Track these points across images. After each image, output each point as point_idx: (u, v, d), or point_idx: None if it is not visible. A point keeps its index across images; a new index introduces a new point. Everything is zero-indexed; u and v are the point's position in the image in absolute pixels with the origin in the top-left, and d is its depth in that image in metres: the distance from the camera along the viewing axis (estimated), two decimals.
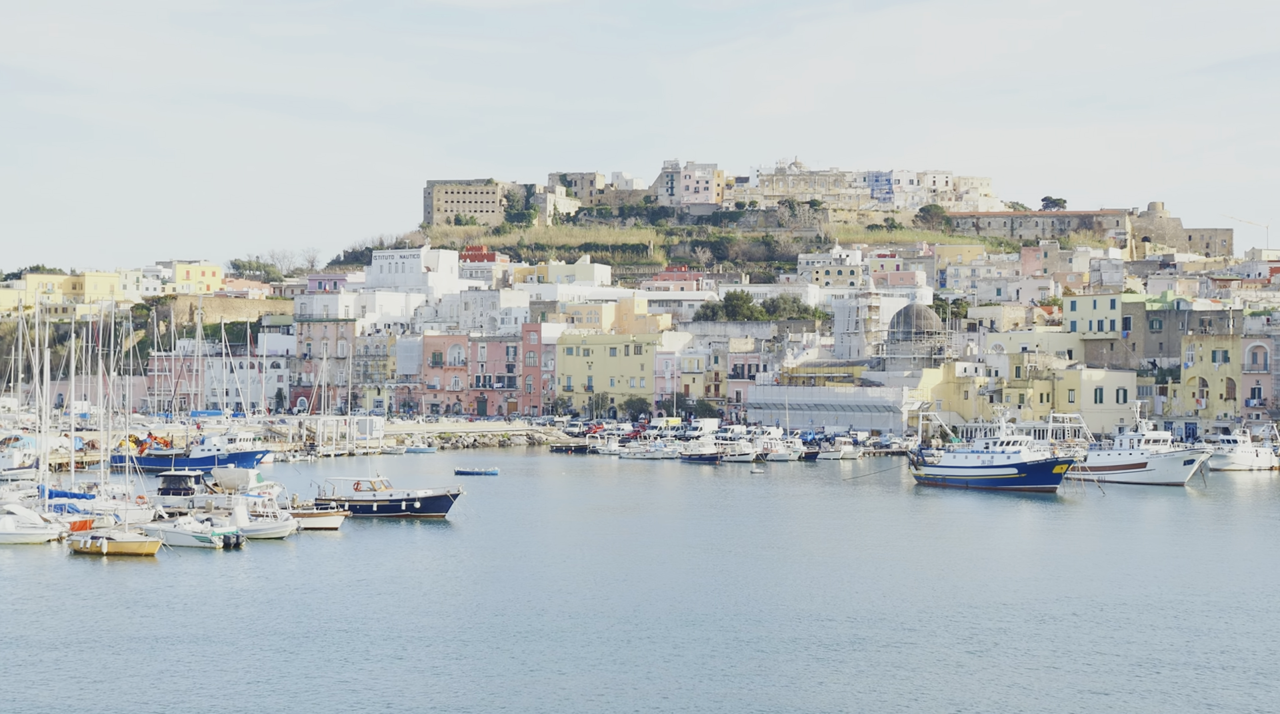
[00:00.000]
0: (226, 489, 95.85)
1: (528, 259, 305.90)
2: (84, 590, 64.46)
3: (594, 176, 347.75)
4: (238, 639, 53.52)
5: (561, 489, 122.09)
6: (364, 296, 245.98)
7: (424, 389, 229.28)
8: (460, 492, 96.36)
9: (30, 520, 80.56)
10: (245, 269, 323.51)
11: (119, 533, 76.43)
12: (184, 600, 61.89)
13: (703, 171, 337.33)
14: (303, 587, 65.96)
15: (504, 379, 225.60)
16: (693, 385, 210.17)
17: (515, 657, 50.46)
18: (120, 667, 48.68)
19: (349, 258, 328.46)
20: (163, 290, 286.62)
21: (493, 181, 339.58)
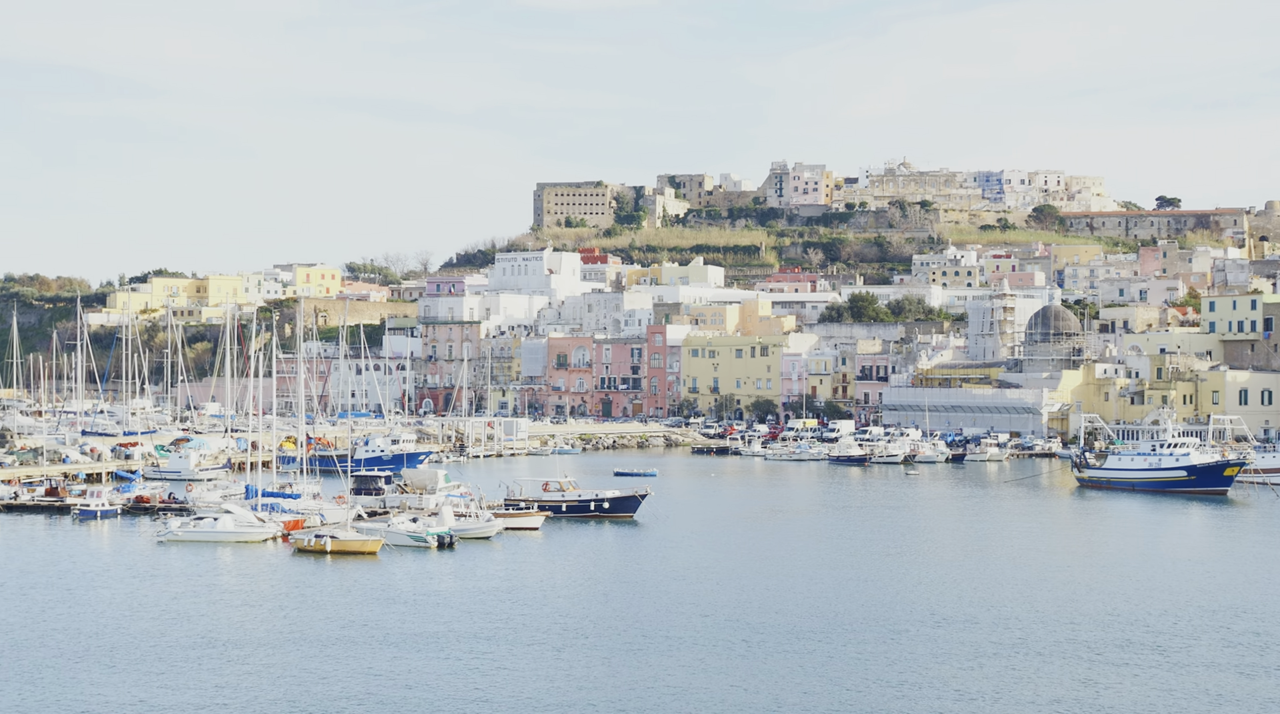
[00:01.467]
0: (416, 489, 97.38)
1: (639, 261, 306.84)
2: (332, 588, 65.78)
3: (702, 178, 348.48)
4: (516, 636, 54.56)
5: (727, 490, 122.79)
6: (488, 299, 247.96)
7: (549, 391, 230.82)
8: (648, 492, 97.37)
9: (247, 520, 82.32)
10: (360, 272, 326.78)
11: (341, 532, 77.98)
12: (438, 597, 63.05)
13: (811, 173, 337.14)
14: (540, 585, 67.03)
15: (629, 381, 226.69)
16: (820, 387, 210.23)
17: (796, 655, 51.18)
18: (423, 661, 49.80)
19: (462, 260, 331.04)
20: (283, 293, 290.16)
21: (602, 184, 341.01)
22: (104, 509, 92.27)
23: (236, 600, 62.66)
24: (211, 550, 78.29)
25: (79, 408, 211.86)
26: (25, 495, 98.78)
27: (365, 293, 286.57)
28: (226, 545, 79.80)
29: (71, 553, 78.11)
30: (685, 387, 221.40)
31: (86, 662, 49.57)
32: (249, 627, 56.31)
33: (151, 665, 49.10)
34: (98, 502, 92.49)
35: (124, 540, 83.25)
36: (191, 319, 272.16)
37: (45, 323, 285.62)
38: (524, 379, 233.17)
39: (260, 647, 52.37)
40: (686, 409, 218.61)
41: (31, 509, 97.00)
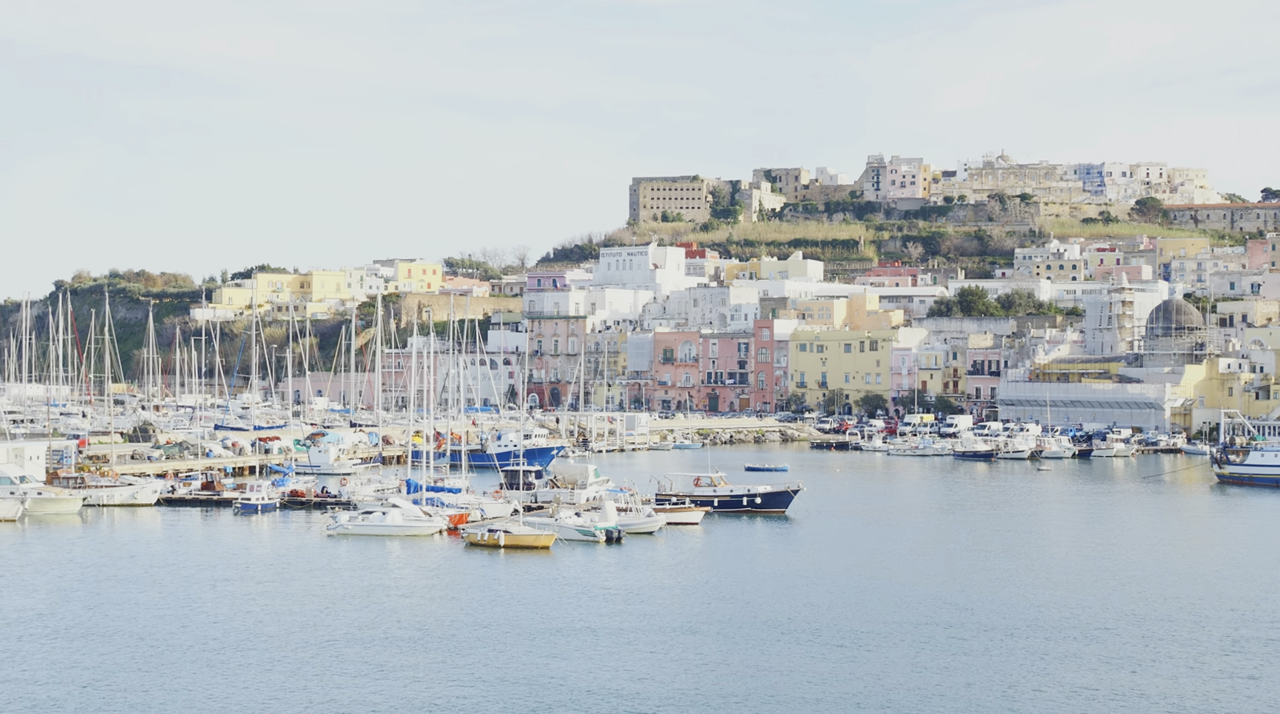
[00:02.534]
0: (567, 484, 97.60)
1: (737, 255, 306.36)
2: (521, 581, 65.93)
3: (798, 172, 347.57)
4: (721, 631, 54.53)
5: (862, 485, 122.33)
6: (593, 293, 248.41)
7: (655, 385, 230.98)
8: (800, 487, 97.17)
9: (414, 514, 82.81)
10: (458, 267, 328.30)
11: (514, 526, 78.27)
12: (627, 592, 63.09)
13: (909, 166, 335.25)
14: (722, 579, 66.97)
15: (735, 375, 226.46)
16: (930, 381, 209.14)
17: (1018, 655, 50.83)
18: (645, 655, 49.83)
19: (559, 255, 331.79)
20: (385, 288, 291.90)
21: (698, 178, 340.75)
22: (264, 503, 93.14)
23: (433, 594, 62.97)
24: (381, 544, 78.78)
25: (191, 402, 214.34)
26: (182, 489, 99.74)
27: (468, 288, 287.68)
28: (395, 539, 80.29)
29: (245, 547, 78.86)
30: (793, 381, 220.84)
31: (316, 655, 49.94)
32: (458, 620, 56.51)
33: (378, 658, 49.41)
34: (258, 496, 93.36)
35: (293, 534, 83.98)
36: (296, 314, 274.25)
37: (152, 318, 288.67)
38: (630, 374, 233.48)
39: (477, 641, 52.56)
40: (794, 404, 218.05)
41: (190, 503, 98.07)
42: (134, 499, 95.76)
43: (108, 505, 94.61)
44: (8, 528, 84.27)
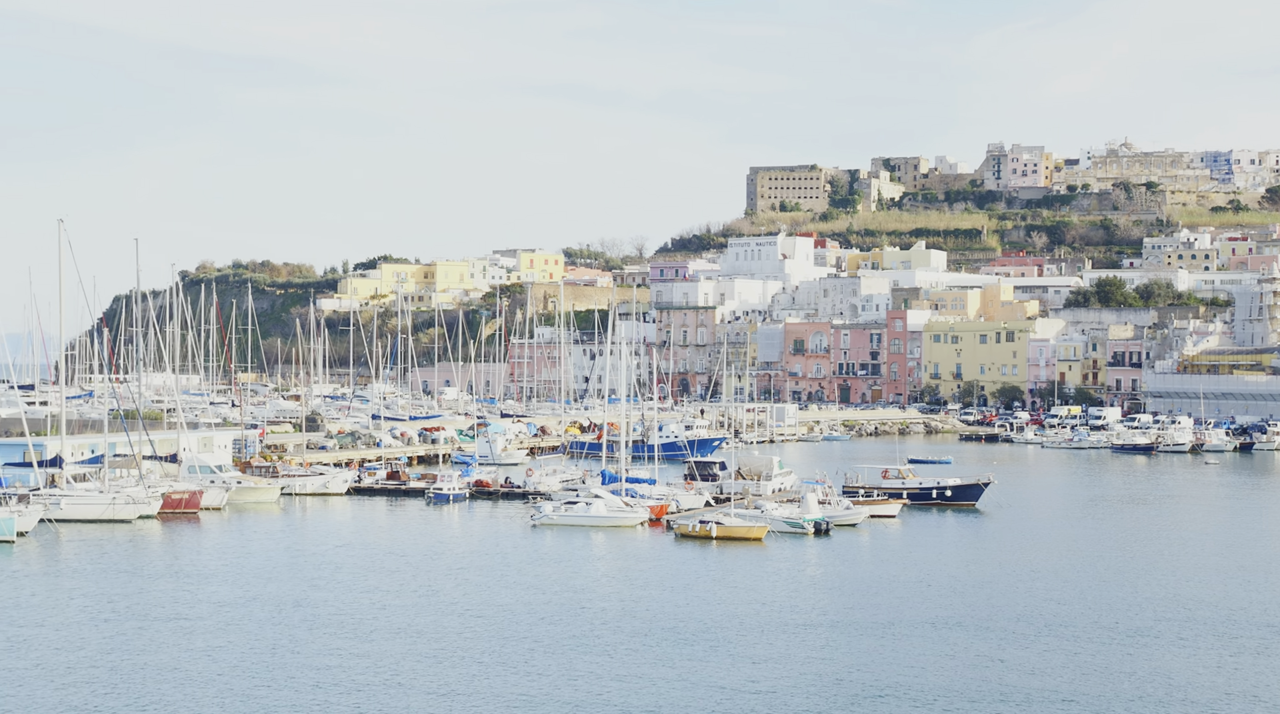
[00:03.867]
0: (751, 475, 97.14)
1: (858, 245, 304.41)
2: (752, 573, 65.37)
3: (917, 161, 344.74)
4: (985, 623, 53.66)
5: (1034, 477, 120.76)
6: (722, 284, 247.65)
7: (785, 376, 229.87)
8: (991, 480, 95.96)
9: (616, 505, 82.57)
10: (577, 257, 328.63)
11: (726, 518, 77.79)
12: (864, 584, 62.35)
13: (1030, 154, 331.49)
14: (949, 572, 66.06)
15: (867, 366, 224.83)
16: (1069, 373, 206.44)
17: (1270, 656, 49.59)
18: (920, 645, 49.09)
19: (677, 245, 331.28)
20: (508, 279, 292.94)
21: (816, 167, 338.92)
22: (455, 493, 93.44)
23: (668, 586, 62.52)
24: (585, 535, 78.58)
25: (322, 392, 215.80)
26: (367, 479, 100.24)
27: (592, 278, 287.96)
28: (600, 530, 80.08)
29: (454, 536, 78.98)
30: (926, 373, 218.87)
31: (587, 646, 49.62)
32: (710, 613, 56.00)
33: (660, 651, 48.97)
34: (449, 486, 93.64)
35: (495, 524, 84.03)
36: (422, 305, 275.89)
37: (278, 309, 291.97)
38: (760, 364, 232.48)
39: (737, 632, 52.02)
40: (928, 395, 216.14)
41: (378, 492, 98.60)
42: (325, 488, 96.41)
43: (300, 494, 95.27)
44: (215, 516, 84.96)
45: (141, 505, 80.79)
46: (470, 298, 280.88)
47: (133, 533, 77.40)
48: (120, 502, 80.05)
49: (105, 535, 75.62)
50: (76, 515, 77.74)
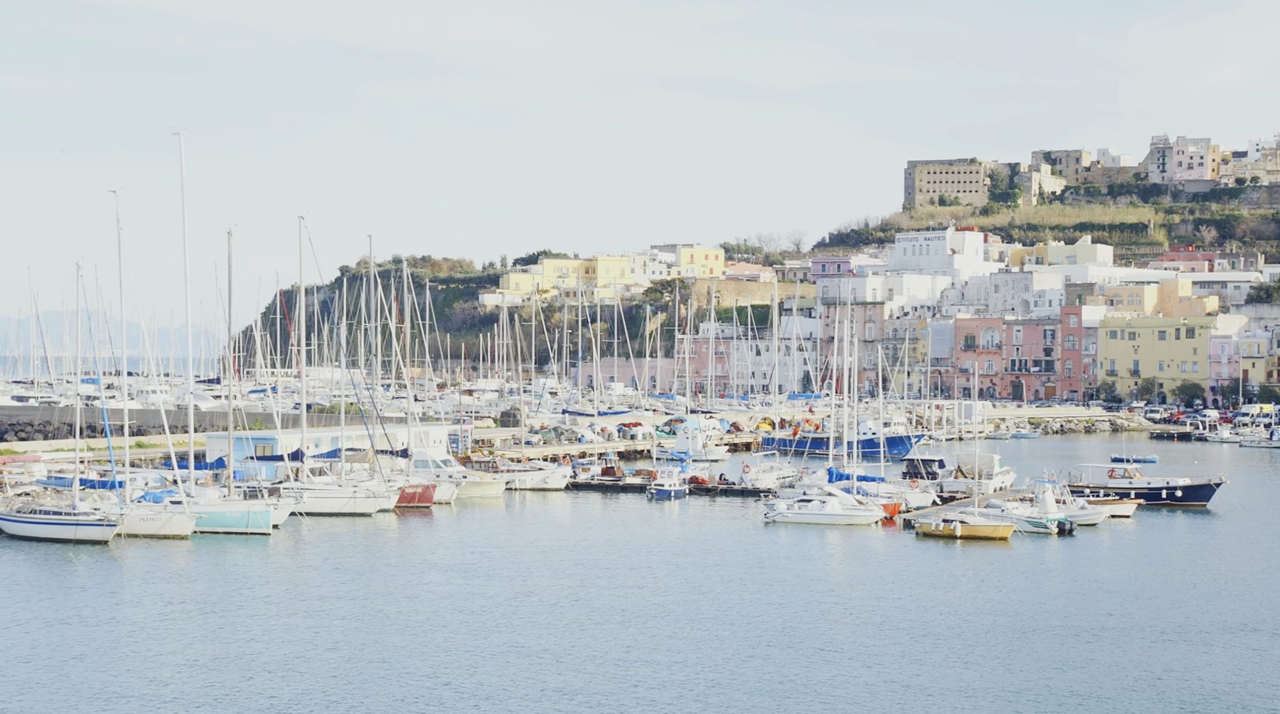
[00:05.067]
0: (972, 473, 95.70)
1: (1019, 239, 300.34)
2: (1010, 572, 64.14)
3: (1079, 154, 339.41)
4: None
5: (1263, 478, 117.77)
6: (890, 279, 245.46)
7: (955, 372, 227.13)
8: (1223, 480, 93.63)
9: (850, 503, 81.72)
10: (734, 251, 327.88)
11: (971, 517, 76.56)
12: (1127, 585, 60.84)
13: (1196, 146, 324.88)
14: (1216, 573, 64.29)
15: (1040, 363, 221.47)
16: (1252, 370, 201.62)
17: None
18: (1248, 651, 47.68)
19: (835, 240, 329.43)
20: (668, 273, 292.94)
21: (975, 161, 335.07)
22: (675, 489, 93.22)
23: (932, 585, 61.51)
24: (821, 533, 77.81)
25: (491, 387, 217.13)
26: (582, 475, 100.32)
27: (754, 273, 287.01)
28: (836, 528, 79.25)
29: (690, 533, 78.60)
30: (1103, 369, 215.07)
31: (884, 642, 48.86)
32: (985, 611, 54.94)
33: (986, 651, 48.05)
34: (670, 482, 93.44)
35: (727, 520, 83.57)
36: (584, 299, 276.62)
37: (440, 304, 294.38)
38: (929, 361, 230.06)
39: (1031, 633, 50.90)
40: (1104, 392, 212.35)
41: (593, 488, 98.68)
42: (544, 484, 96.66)
43: (519, 489, 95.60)
44: (445, 511, 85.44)
45: (380, 499, 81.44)
46: (632, 293, 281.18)
47: (374, 526, 78.00)
48: (360, 496, 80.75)
49: (350, 528, 76.26)
50: (318, 509, 78.51)
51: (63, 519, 68.12)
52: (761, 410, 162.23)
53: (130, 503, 70.62)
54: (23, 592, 57.58)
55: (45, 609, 53.60)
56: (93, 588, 58.48)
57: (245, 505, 72.78)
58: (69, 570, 62.67)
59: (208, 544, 69.69)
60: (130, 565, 63.83)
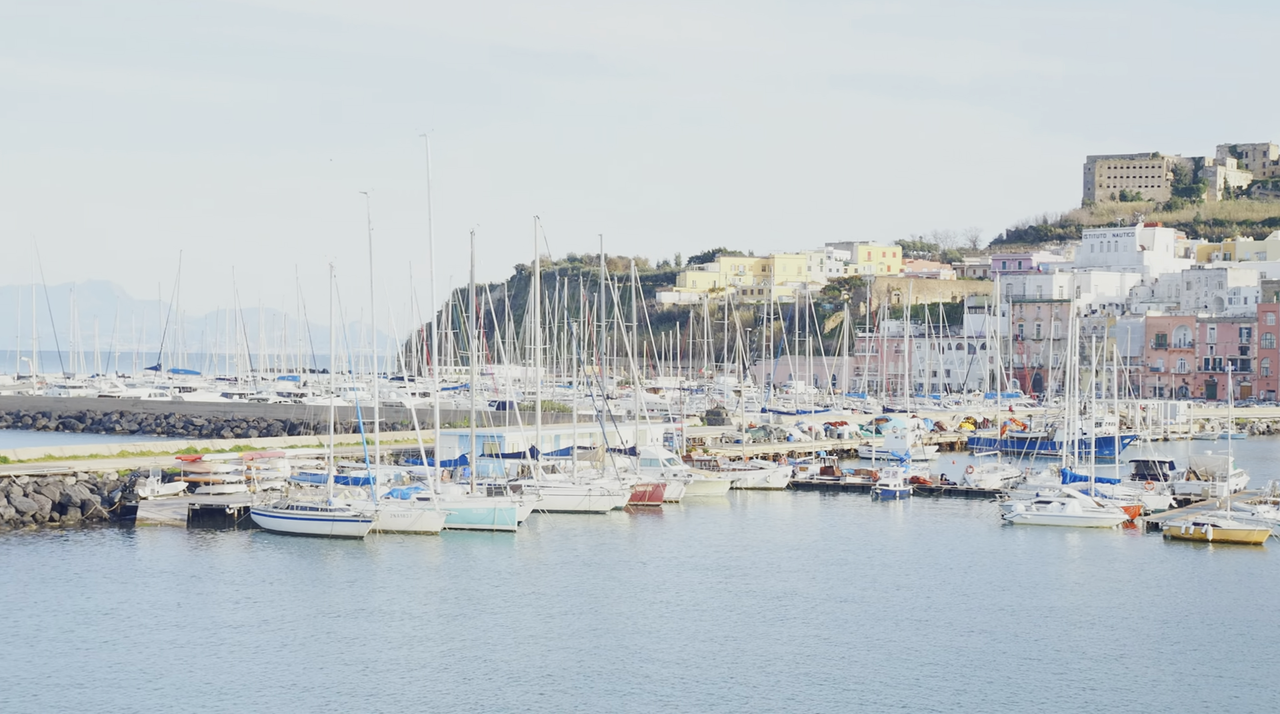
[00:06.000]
0: (1205, 475, 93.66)
1: (1205, 235, 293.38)
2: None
3: (1266, 147, 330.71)
4: None
5: None
6: (1077, 277, 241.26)
7: (1146, 371, 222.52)
8: None
9: (1090, 505, 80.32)
10: (910, 249, 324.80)
11: (1223, 520, 74.73)
12: None
13: None
14: None
15: (1236, 362, 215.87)
16: None
17: None
18: None
19: (1012, 236, 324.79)
20: (844, 271, 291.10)
21: (1158, 155, 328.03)
22: (900, 489, 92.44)
23: (1202, 589, 60.10)
24: (1061, 535, 76.58)
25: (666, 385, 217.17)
26: (800, 474, 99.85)
27: (934, 271, 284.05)
28: (1076, 530, 77.94)
29: (929, 533, 77.75)
30: None
31: None
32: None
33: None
34: (894, 482, 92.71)
35: (962, 521, 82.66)
36: (761, 298, 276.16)
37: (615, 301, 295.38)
38: (1118, 359, 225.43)
39: None
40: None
41: (813, 487, 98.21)
42: (766, 482, 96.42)
43: (741, 488, 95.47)
44: (674, 509, 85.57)
45: (614, 497, 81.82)
46: (809, 291, 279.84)
47: (610, 524, 78.34)
48: (595, 493, 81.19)
49: (585, 526, 76.69)
50: (555, 506, 79.05)
51: (319, 515, 69.34)
52: (956, 410, 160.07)
53: (381, 500, 71.69)
54: (285, 586, 58.61)
55: (317, 603, 54.45)
56: (359, 583, 59.34)
57: (491, 502, 73.52)
58: (329, 564, 63.68)
59: (456, 540, 70.46)
60: (386, 561, 64.74)
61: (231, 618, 51.27)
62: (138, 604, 53.38)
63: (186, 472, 78.54)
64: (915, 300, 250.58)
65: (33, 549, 65.57)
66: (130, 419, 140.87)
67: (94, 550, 66.06)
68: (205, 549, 66.87)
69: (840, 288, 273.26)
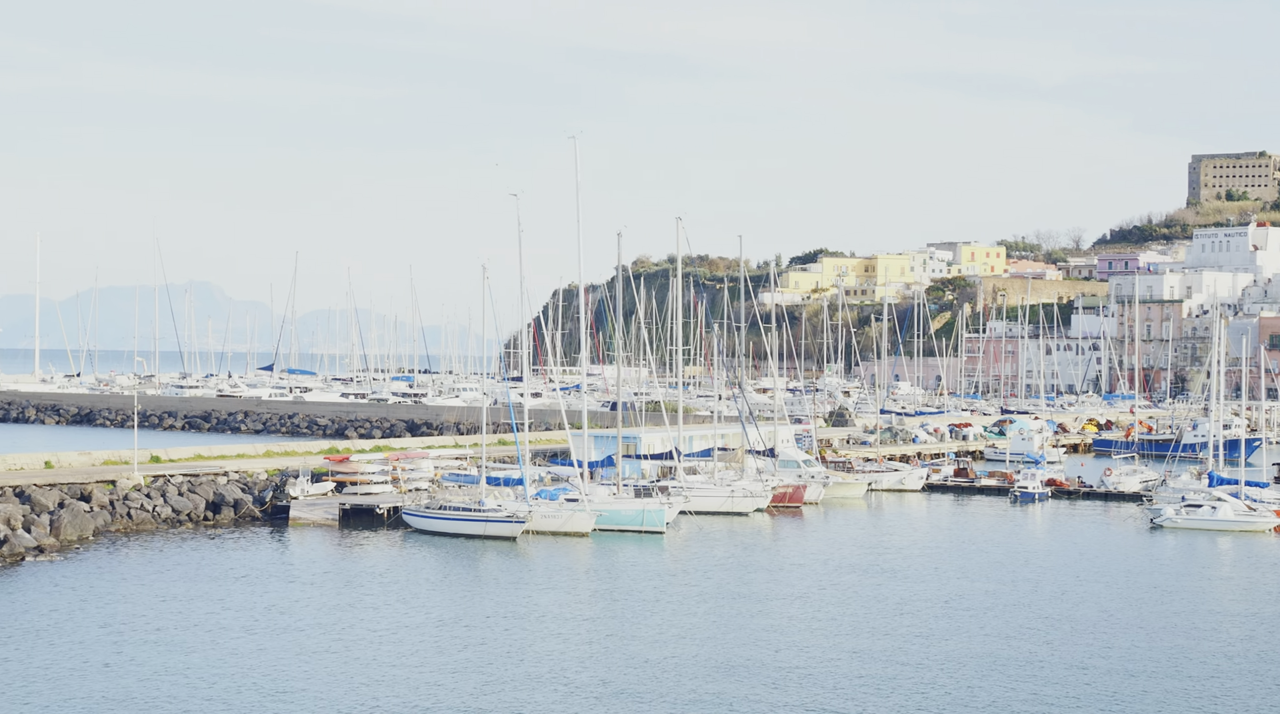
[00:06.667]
0: None
1: None
2: None
3: None
4: None
5: None
6: (1188, 277, 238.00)
7: (1260, 372, 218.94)
8: None
9: (1241, 509, 79.15)
10: (1013, 249, 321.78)
11: None
12: None
13: None
14: None
15: None
16: None
17: None
18: None
19: (1116, 236, 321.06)
20: (947, 272, 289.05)
21: (1265, 154, 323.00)
22: (1039, 492, 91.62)
23: None
24: (1212, 539, 75.57)
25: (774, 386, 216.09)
26: (933, 476, 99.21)
27: (1040, 271, 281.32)
28: (1228, 535, 76.84)
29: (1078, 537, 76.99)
30: None
31: None
32: None
33: None
34: (1033, 485, 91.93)
35: (1107, 525, 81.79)
36: (865, 298, 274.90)
37: (718, 302, 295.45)
38: (1230, 360, 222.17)
39: None
40: None
41: (948, 489, 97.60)
42: (901, 484, 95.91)
43: (876, 490, 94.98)
44: (814, 511, 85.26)
45: (757, 499, 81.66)
46: (912, 291, 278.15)
47: (754, 526, 78.20)
48: (739, 495, 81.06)
49: (730, 527, 76.58)
50: (698, 507, 78.95)
51: (473, 515, 69.65)
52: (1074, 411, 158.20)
53: (530, 500, 71.91)
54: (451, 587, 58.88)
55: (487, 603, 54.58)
56: (522, 583, 59.45)
57: (640, 504, 73.53)
58: (487, 565, 63.87)
59: (606, 542, 70.53)
60: (542, 561, 64.85)
61: (407, 619, 51.53)
62: (314, 604, 53.79)
63: (334, 472, 79.20)
64: (1021, 301, 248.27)
65: (194, 547, 66.34)
66: (255, 419, 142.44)
67: (253, 549, 66.74)
68: (361, 549, 67.35)
69: (943, 288, 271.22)
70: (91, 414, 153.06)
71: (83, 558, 62.85)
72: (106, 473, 74.38)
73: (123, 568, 60.75)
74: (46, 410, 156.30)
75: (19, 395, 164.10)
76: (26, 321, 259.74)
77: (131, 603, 52.97)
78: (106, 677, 41.96)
